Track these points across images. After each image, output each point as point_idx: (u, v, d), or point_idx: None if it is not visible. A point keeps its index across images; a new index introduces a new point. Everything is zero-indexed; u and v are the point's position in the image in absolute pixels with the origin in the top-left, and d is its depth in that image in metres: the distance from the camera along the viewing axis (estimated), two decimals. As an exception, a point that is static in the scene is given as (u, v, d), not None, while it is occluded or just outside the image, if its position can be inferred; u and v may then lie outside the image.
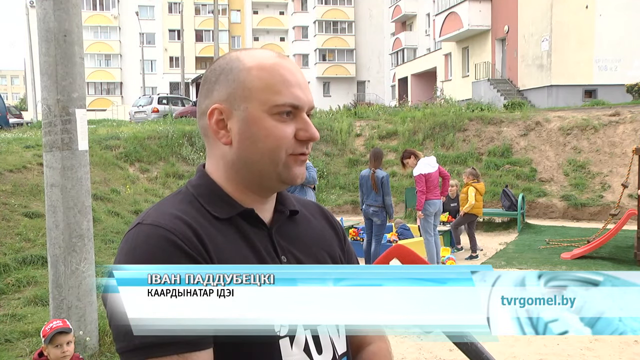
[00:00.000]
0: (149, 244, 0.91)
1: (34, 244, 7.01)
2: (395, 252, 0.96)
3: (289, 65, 1.01)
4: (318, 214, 1.18)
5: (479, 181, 9.05)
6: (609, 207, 11.16)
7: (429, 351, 4.76)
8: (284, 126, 0.98)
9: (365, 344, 1.16)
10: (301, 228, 1.10)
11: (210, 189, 1.02)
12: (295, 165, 1.00)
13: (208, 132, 1.03)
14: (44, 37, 4.10)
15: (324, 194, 13.24)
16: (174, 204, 0.99)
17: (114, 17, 51.06)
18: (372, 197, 7.46)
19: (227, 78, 1.00)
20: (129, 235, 0.95)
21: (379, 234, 7.60)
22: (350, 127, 16.03)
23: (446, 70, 32.40)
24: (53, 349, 3.23)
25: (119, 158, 12.71)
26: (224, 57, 1.05)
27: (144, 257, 0.89)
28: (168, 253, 0.89)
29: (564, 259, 8.16)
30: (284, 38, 55.33)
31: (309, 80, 51.87)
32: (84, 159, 4.28)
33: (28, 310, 5.26)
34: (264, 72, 0.99)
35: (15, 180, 8.73)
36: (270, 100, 0.98)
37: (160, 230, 0.91)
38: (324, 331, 1.02)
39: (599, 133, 13.62)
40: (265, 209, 1.05)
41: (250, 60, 1.00)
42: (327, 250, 1.11)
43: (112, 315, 0.86)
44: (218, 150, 1.03)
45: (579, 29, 22.10)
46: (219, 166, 1.03)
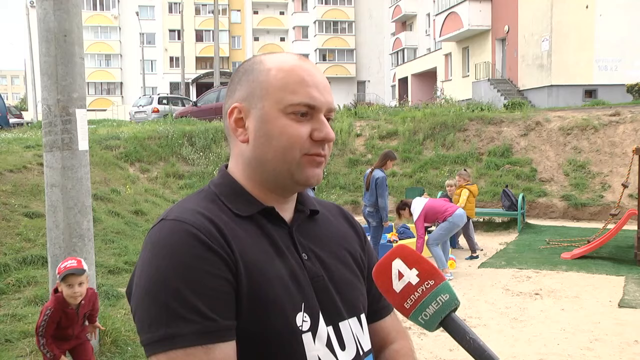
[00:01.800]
0: (172, 238, 0.92)
1: (34, 244, 7.00)
2: (398, 252, 0.96)
3: (309, 67, 1.03)
4: (338, 214, 1.20)
5: (472, 183, 9.07)
6: (609, 207, 11.17)
7: (429, 351, 4.76)
8: (298, 126, 0.99)
9: (388, 342, 1.17)
10: (321, 227, 1.11)
11: (231, 187, 1.04)
12: (310, 166, 1.01)
13: (229, 130, 1.06)
14: (44, 37, 4.10)
15: (324, 194, 13.23)
16: (196, 201, 1.01)
17: (114, 17, 51.06)
18: (365, 196, 7.46)
19: (248, 79, 1.03)
20: (152, 231, 0.96)
21: (375, 236, 7.43)
22: (350, 127, 16.03)
23: (446, 70, 32.41)
24: (65, 287, 3.29)
25: (119, 158, 12.71)
26: (249, 60, 1.08)
27: (167, 251, 0.91)
28: (191, 247, 0.90)
29: (564, 259, 8.16)
30: (284, 38, 55.34)
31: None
32: (84, 159, 4.28)
33: (28, 310, 5.25)
34: (282, 73, 1.01)
35: (15, 180, 8.73)
36: (285, 99, 0.99)
37: (183, 225, 0.93)
38: (347, 327, 1.03)
39: (599, 133, 13.62)
40: (285, 208, 1.06)
41: (271, 62, 1.03)
42: (347, 249, 1.12)
43: (137, 308, 0.91)
44: (237, 148, 1.05)
45: (579, 28, 22.11)
46: (239, 164, 1.05)
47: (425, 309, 0.92)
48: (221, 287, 0.90)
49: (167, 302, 0.88)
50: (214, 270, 0.90)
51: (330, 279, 1.04)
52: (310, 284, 1.00)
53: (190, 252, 0.90)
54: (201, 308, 0.88)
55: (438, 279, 0.93)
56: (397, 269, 0.95)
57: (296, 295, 0.97)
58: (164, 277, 0.89)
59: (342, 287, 1.05)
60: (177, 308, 0.87)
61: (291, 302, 0.96)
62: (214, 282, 0.90)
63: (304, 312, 0.97)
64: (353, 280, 1.09)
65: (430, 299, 0.92)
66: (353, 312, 1.06)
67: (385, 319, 1.19)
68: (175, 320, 0.87)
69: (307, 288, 0.99)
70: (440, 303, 0.92)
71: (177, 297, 0.88)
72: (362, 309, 1.09)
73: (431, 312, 0.92)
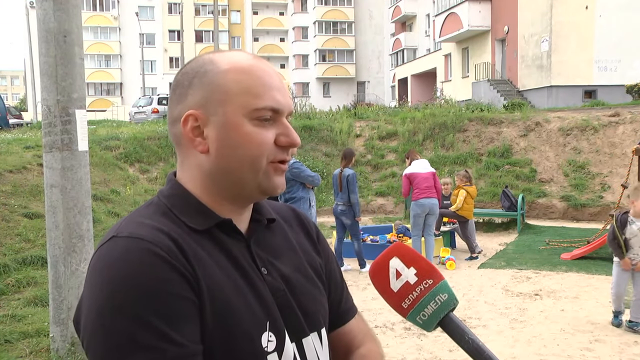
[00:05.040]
0: (129, 258, 0.82)
1: (34, 244, 7.01)
2: (395, 251, 0.96)
3: (267, 68, 0.96)
4: (293, 218, 1.13)
5: (472, 184, 9.03)
6: (608, 207, 11.16)
7: (429, 352, 4.75)
8: (264, 131, 0.92)
9: (354, 346, 1.11)
10: (279, 237, 1.05)
11: (184, 199, 0.95)
12: (276, 174, 0.95)
13: (181, 140, 0.95)
14: (44, 38, 4.10)
15: (324, 194, 13.23)
16: (148, 215, 0.92)
17: (114, 18, 51.08)
18: (339, 196, 7.61)
19: (202, 82, 0.93)
20: (103, 251, 0.85)
21: (355, 233, 7.71)
22: (350, 128, 16.04)
23: (446, 70, 32.42)
24: None
25: (119, 159, 12.71)
26: (197, 60, 0.97)
27: (124, 273, 0.81)
28: (152, 267, 0.82)
29: (563, 260, 8.16)
30: (284, 39, 55.34)
31: (308, 81, 52.07)
32: (84, 160, 4.28)
33: (28, 310, 5.25)
34: (241, 75, 0.92)
35: (15, 181, 8.73)
36: (250, 103, 0.91)
37: (141, 243, 0.83)
38: (309, 344, 0.98)
39: (598, 133, 13.62)
40: (242, 219, 0.99)
41: (225, 63, 0.94)
42: (306, 258, 1.06)
43: (92, 340, 0.82)
44: (193, 159, 0.95)
45: (578, 29, 22.12)
46: (195, 176, 0.95)
47: (424, 308, 0.91)
48: (187, 309, 0.83)
49: (130, 331, 0.79)
50: (179, 291, 0.82)
51: (292, 293, 0.97)
52: (273, 300, 0.93)
53: (152, 273, 0.81)
54: (170, 334, 0.80)
55: (437, 277, 0.92)
56: (395, 267, 0.94)
57: (260, 314, 0.91)
58: (124, 303, 0.79)
59: (304, 301, 0.99)
60: (143, 336, 0.79)
61: (256, 322, 0.89)
62: (179, 304, 0.82)
63: (269, 331, 0.91)
64: (314, 292, 1.03)
65: (428, 299, 0.91)
66: (314, 326, 1.00)
67: (349, 322, 1.12)
68: (141, 350, 0.78)
69: (271, 305, 0.93)
70: (439, 302, 0.91)
71: (141, 324, 0.79)
72: (322, 323, 1.03)
73: (430, 311, 0.91)
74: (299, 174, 6.78)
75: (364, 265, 7.68)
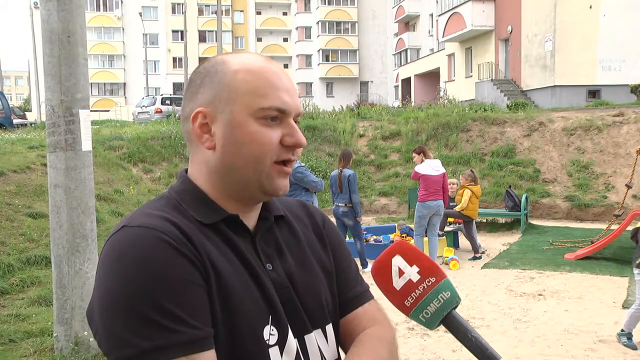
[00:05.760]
0: (141, 246, 0.85)
1: (38, 244, 7.03)
2: (398, 249, 0.95)
3: (276, 70, 0.98)
4: (303, 213, 1.14)
5: (477, 184, 9.01)
6: (612, 207, 11.13)
7: (432, 352, 4.75)
8: (269, 131, 0.95)
9: (356, 334, 1.08)
10: (286, 233, 1.06)
11: (193, 194, 0.98)
12: (279, 176, 0.97)
13: (192, 136, 0.99)
14: (47, 38, 4.11)
15: (327, 195, 13.21)
16: (158, 207, 0.95)
17: (118, 18, 51.16)
18: (340, 197, 7.59)
19: (212, 81, 0.97)
20: (114, 240, 0.89)
21: (357, 233, 7.73)
22: (353, 128, 16.04)
23: (449, 70, 32.37)
24: None
25: (123, 158, 12.74)
26: (210, 60, 1.01)
27: (136, 260, 0.84)
28: (162, 253, 0.85)
29: (567, 260, 8.14)
30: (287, 39, 55.36)
31: (312, 81, 52.07)
32: (88, 160, 4.29)
33: (32, 310, 5.27)
34: (250, 75, 0.95)
35: (19, 181, 8.76)
36: (255, 103, 0.94)
37: (151, 232, 0.87)
38: (312, 340, 0.99)
39: (602, 133, 13.58)
40: (250, 216, 1.01)
41: (236, 63, 0.97)
42: (313, 254, 1.07)
43: (107, 325, 0.84)
44: (202, 155, 0.99)
45: (582, 29, 22.05)
46: (202, 172, 0.99)
47: (427, 306, 0.91)
48: (197, 293, 0.86)
49: (146, 314, 0.81)
50: (189, 276, 0.85)
51: (296, 289, 0.99)
52: (277, 296, 0.95)
53: (162, 259, 0.84)
54: (183, 316, 0.83)
55: (439, 276, 0.92)
56: (398, 266, 0.94)
57: (263, 308, 0.93)
58: (138, 288, 0.82)
59: (308, 297, 1.01)
60: (159, 319, 0.81)
61: (259, 315, 0.92)
62: (190, 288, 0.85)
63: (272, 325, 0.93)
64: (319, 290, 1.04)
65: (431, 297, 0.91)
66: (318, 323, 1.01)
67: (356, 310, 1.10)
68: (159, 331, 0.81)
69: (274, 300, 0.95)
70: (442, 301, 0.91)
71: (155, 307, 0.82)
72: (328, 320, 1.04)
73: (432, 310, 0.91)
74: (302, 179, 6.74)
75: (366, 264, 7.68)
